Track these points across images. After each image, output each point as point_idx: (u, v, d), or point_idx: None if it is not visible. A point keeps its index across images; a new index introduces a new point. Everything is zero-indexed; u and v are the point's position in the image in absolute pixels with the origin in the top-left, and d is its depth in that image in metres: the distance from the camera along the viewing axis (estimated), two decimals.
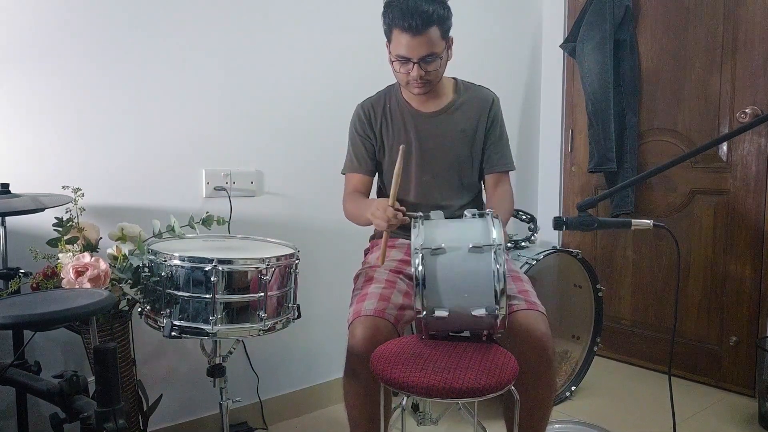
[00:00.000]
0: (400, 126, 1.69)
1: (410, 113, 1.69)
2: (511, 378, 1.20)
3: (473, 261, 1.24)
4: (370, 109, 1.73)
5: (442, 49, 1.54)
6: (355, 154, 1.76)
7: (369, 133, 1.73)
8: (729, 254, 2.39)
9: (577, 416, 2.12)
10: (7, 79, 1.57)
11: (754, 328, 2.32)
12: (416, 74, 1.54)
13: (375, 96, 1.76)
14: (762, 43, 2.25)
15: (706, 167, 2.44)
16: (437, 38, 1.51)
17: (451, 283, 1.24)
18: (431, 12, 1.47)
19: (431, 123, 1.68)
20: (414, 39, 1.49)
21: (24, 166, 1.61)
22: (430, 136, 1.68)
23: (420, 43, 1.49)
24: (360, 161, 1.75)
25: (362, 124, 1.74)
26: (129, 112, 1.77)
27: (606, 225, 1.30)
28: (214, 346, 1.54)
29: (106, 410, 1.05)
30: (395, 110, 1.70)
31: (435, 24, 1.49)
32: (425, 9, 1.47)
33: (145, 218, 1.63)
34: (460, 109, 1.68)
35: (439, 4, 1.50)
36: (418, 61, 1.52)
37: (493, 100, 1.70)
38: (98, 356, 1.06)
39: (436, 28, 1.50)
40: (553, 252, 2.23)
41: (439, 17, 1.49)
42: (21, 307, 1.12)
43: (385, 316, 1.41)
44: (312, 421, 2.15)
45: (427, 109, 1.68)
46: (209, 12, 1.89)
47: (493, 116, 1.69)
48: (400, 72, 1.58)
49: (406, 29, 1.48)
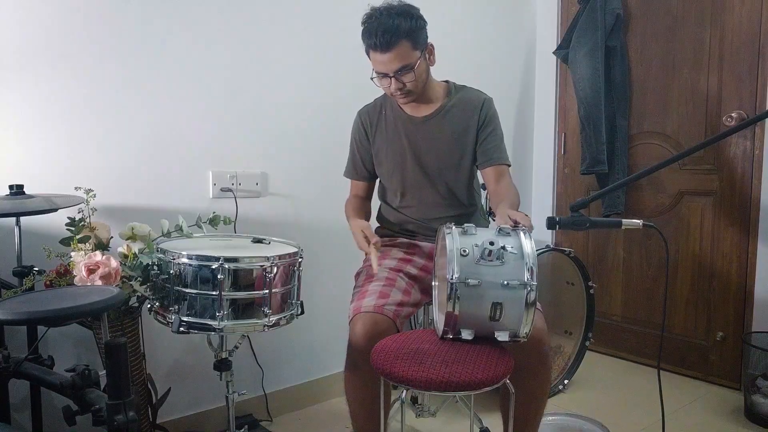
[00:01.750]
0: (394, 132, 1.71)
1: (403, 119, 1.70)
2: (506, 372, 1.22)
3: (505, 293, 1.20)
4: (367, 117, 1.76)
5: (416, 59, 1.54)
6: (353, 162, 1.80)
7: (365, 142, 1.76)
8: (716, 253, 2.42)
9: (569, 408, 2.14)
10: (21, 83, 1.59)
11: (740, 324, 2.35)
12: (394, 87, 1.57)
13: (372, 103, 1.78)
14: (747, 49, 2.28)
15: (693, 169, 2.47)
16: (407, 51, 1.52)
17: (481, 313, 1.22)
18: (397, 26, 1.48)
19: (424, 128, 1.68)
20: (384, 55, 1.51)
21: (38, 168, 1.62)
22: (423, 141, 1.68)
23: (390, 58, 1.51)
24: (357, 169, 1.79)
25: (359, 132, 1.76)
26: (139, 115, 1.78)
27: (597, 225, 1.30)
28: (221, 341, 1.56)
29: (116, 403, 1.06)
30: (390, 117, 1.72)
31: (403, 38, 1.50)
32: (390, 25, 1.48)
33: (154, 218, 1.64)
34: (451, 112, 1.67)
35: (406, 18, 1.51)
36: (393, 75, 1.54)
37: (484, 101, 1.68)
38: (109, 351, 1.07)
39: (406, 42, 1.50)
40: (547, 251, 2.26)
41: (406, 30, 1.50)
42: (35, 304, 1.13)
43: (384, 312, 1.44)
44: (314, 413, 2.17)
45: (420, 114, 1.69)
46: (217, 18, 1.91)
47: (485, 115, 1.66)
48: (381, 86, 1.61)
49: (375, 47, 1.51)
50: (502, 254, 1.21)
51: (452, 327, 1.24)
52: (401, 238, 1.76)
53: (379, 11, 1.53)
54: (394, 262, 1.65)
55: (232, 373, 1.59)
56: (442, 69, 1.72)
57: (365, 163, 1.78)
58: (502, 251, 1.21)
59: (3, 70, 1.57)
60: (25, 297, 1.22)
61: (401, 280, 1.59)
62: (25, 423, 1.58)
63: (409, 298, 1.56)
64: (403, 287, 1.56)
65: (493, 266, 1.21)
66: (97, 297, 1.14)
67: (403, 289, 1.56)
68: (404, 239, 1.75)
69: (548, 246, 2.36)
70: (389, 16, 1.50)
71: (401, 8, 1.53)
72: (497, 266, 1.21)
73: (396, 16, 1.50)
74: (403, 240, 1.75)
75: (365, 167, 1.79)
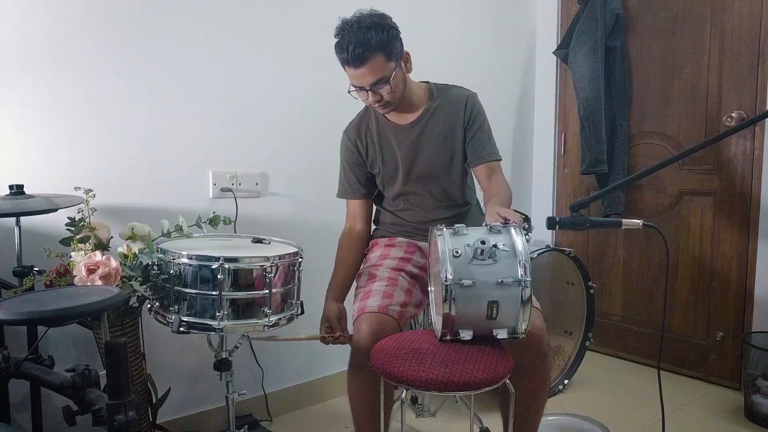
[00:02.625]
0: (384, 141, 1.69)
1: (389, 129, 1.68)
2: (506, 372, 1.22)
3: (500, 291, 1.21)
4: (354, 133, 1.72)
5: (391, 70, 1.51)
6: (347, 181, 1.76)
7: (357, 159, 1.72)
8: (716, 253, 2.42)
9: (569, 408, 2.15)
10: (21, 83, 1.59)
11: (739, 324, 2.35)
12: (372, 99, 1.55)
13: (356, 119, 1.75)
14: (747, 49, 2.28)
15: (693, 169, 2.47)
16: (381, 64, 1.49)
17: (478, 313, 1.22)
18: (368, 40, 1.45)
19: (411, 134, 1.66)
20: (357, 70, 1.49)
21: (38, 168, 1.63)
22: (411, 147, 1.66)
23: (364, 73, 1.49)
24: (353, 188, 1.75)
25: (349, 152, 1.73)
26: (139, 115, 1.79)
27: (597, 225, 1.30)
28: (221, 341, 1.56)
29: (116, 403, 1.06)
30: (374, 129, 1.70)
31: (375, 51, 1.46)
32: (362, 39, 1.45)
33: (154, 218, 1.65)
34: (435, 114, 1.65)
35: (377, 30, 1.47)
36: (369, 89, 1.52)
37: (467, 97, 1.65)
38: (109, 351, 1.07)
39: (379, 54, 1.47)
40: (547, 251, 2.26)
41: (379, 43, 1.46)
42: (35, 304, 1.14)
43: (389, 313, 1.44)
44: (314, 413, 2.17)
45: (404, 121, 1.66)
46: (218, 19, 1.91)
47: (470, 112, 1.63)
48: (360, 98, 1.60)
49: (348, 63, 1.49)
50: (494, 252, 1.21)
51: (450, 328, 1.24)
52: (400, 237, 1.76)
53: (350, 24, 1.49)
54: (394, 261, 1.65)
55: (232, 373, 1.59)
56: (441, 69, 1.73)
57: (359, 179, 1.74)
58: (494, 249, 1.21)
59: (3, 71, 1.57)
60: (25, 297, 1.22)
61: (403, 279, 1.59)
62: (25, 423, 1.59)
63: (411, 299, 1.56)
64: (406, 287, 1.56)
65: (486, 265, 1.21)
66: (97, 297, 1.14)
67: (406, 288, 1.56)
68: (403, 238, 1.75)
69: (548, 246, 2.36)
70: (359, 30, 1.46)
71: (372, 20, 1.49)
72: (490, 265, 1.21)
73: (367, 29, 1.46)
74: (402, 239, 1.75)
75: (360, 183, 1.74)
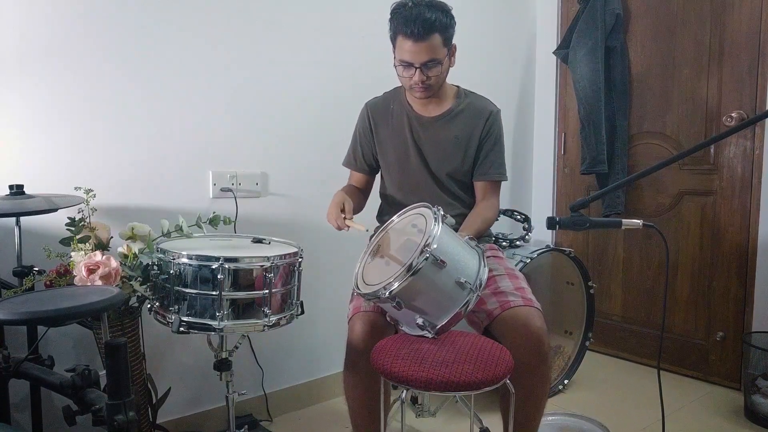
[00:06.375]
0: (400, 128, 1.71)
1: (411, 117, 1.71)
2: (506, 372, 1.23)
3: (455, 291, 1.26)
4: (375, 108, 1.76)
5: (444, 55, 1.57)
6: (354, 152, 1.81)
7: (368, 134, 1.76)
8: (716, 253, 2.43)
9: (569, 408, 2.15)
10: (21, 83, 1.59)
11: (739, 324, 2.36)
12: (418, 79, 1.57)
13: (382, 96, 1.79)
14: (747, 49, 2.28)
15: (693, 169, 2.47)
16: (439, 45, 1.54)
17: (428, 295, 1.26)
18: (434, 20, 1.51)
19: (429, 128, 1.69)
20: (416, 45, 1.52)
21: (38, 168, 1.63)
22: (427, 140, 1.69)
23: (422, 49, 1.53)
24: (357, 160, 1.80)
25: (364, 124, 1.77)
26: (139, 115, 1.79)
27: (597, 225, 1.31)
28: (221, 341, 1.56)
29: (116, 403, 1.06)
30: (397, 112, 1.73)
31: (437, 31, 1.52)
32: (428, 17, 1.50)
33: (154, 218, 1.65)
34: (459, 116, 1.69)
35: (441, 13, 1.54)
36: (419, 66, 1.55)
37: (491, 112, 1.70)
38: (109, 351, 1.07)
39: (438, 36, 1.53)
40: (547, 251, 2.26)
41: (441, 25, 1.53)
42: (35, 304, 1.13)
43: (383, 312, 1.43)
44: (314, 413, 2.17)
45: (428, 113, 1.70)
46: (218, 19, 1.91)
47: (489, 127, 1.69)
48: (403, 76, 1.61)
49: (409, 35, 1.52)
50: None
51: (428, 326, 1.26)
52: None
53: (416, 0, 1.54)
54: None
55: (232, 373, 1.60)
56: None
57: (365, 155, 1.79)
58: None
59: (4, 71, 1.57)
60: (25, 297, 1.22)
61: None
62: (25, 423, 1.59)
63: None
64: None
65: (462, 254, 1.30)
66: (97, 297, 1.14)
67: None
68: None
69: (548, 246, 2.36)
70: (428, 8, 1.52)
71: (439, 3, 1.56)
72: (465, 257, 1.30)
73: (434, 9, 1.53)
74: None
75: (365, 160, 1.79)
